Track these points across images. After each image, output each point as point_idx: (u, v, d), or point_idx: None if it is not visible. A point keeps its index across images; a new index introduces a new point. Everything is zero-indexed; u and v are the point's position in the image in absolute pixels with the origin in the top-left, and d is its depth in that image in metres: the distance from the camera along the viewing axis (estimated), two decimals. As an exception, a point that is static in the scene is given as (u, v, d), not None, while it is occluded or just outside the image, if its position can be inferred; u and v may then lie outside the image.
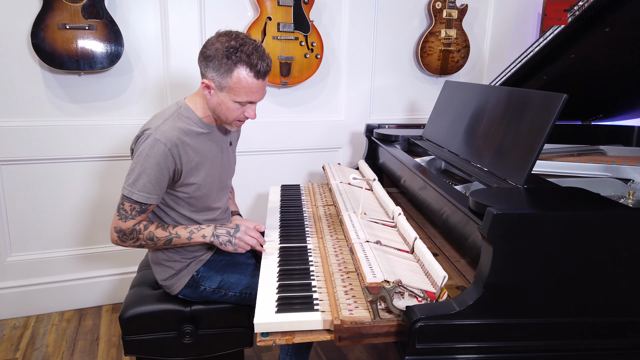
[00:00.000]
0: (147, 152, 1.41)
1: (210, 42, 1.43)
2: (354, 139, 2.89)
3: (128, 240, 1.48)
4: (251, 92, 1.44)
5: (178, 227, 1.52)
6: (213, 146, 1.58)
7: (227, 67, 1.39)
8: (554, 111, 1.29)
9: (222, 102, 1.45)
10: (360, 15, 2.73)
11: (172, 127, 1.46)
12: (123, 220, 1.45)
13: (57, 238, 2.47)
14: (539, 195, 1.27)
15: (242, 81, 1.41)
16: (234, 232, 1.55)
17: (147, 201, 1.44)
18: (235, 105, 1.46)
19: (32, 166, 2.35)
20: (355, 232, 1.45)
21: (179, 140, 1.45)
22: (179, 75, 2.48)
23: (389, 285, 1.13)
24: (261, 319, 1.18)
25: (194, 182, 1.52)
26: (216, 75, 1.41)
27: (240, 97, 1.43)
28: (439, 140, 1.99)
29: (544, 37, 1.75)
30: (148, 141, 1.42)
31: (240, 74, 1.40)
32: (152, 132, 1.43)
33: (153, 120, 1.49)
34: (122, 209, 1.45)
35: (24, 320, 2.44)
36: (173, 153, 1.44)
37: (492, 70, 3.08)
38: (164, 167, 1.43)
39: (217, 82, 1.42)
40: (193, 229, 1.53)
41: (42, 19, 2.09)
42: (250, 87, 1.42)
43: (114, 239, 1.49)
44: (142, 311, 1.58)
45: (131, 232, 1.47)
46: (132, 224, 1.46)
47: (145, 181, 1.42)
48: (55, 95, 2.31)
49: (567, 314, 1.13)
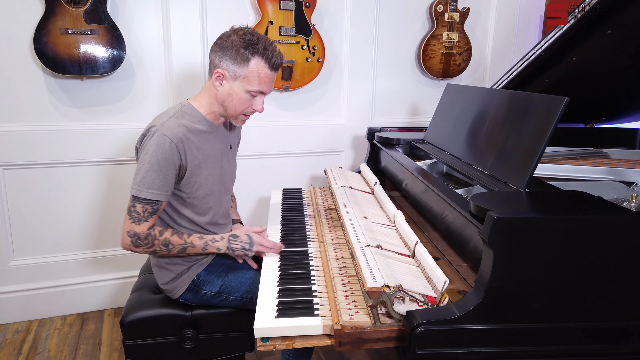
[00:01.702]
0: (154, 147, 1.43)
1: (226, 34, 1.51)
2: (356, 142, 2.89)
3: (142, 246, 1.46)
4: (264, 82, 1.50)
5: (193, 237, 1.52)
6: (215, 146, 1.60)
7: (244, 57, 1.46)
8: (555, 114, 1.28)
9: (234, 92, 1.50)
10: (361, 19, 2.74)
11: (177, 123, 1.49)
12: (137, 223, 1.44)
13: (60, 242, 2.48)
14: (541, 199, 1.26)
15: (258, 70, 1.47)
16: (249, 247, 1.58)
17: (157, 198, 1.44)
18: (246, 96, 1.50)
19: (34, 171, 2.36)
20: (356, 236, 1.45)
21: (184, 136, 1.48)
22: (181, 80, 2.48)
23: (390, 290, 1.12)
24: (261, 323, 1.18)
25: (196, 181, 1.53)
26: (232, 64, 1.47)
27: (253, 86, 1.49)
28: (441, 143, 1.98)
29: (546, 40, 1.75)
30: (154, 137, 1.44)
31: (257, 64, 1.47)
32: (158, 128, 1.45)
33: (157, 119, 1.51)
34: (133, 211, 1.44)
35: (27, 324, 2.45)
36: (179, 148, 1.46)
37: (495, 73, 3.08)
38: (171, 162, 1.44)
39: (233, 71, 1.48)
40: (208, 241, 1.54)
41: (44, 24, 2.10)
42: (264, 77, 1.49)
43: (127, 244, 1.46)
44: (143, 316, 1.58)
45: (146, 237, 1.45)
46: (147, 227, 1.45)
47: (153, 177, 1.42)
48: (58, 99, 2.32)
49: (570, 319, 1.12)
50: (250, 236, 1.58)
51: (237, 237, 1.58)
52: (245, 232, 1.59)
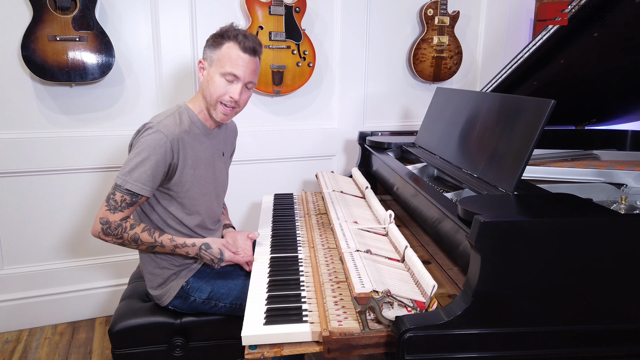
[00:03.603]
0: (148, 142, 1.43)
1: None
2: (348, 146, 2.89)
3: (111, 235, 1.46)
4: (236, 64, 1.50)
5: (164, 237, 1.51)
6: (208, 149, 1.61)
7: (218, 42, 1.52)
8: (542, 117, 1.28)
9: (210, 77, 1.52)
10: (352, 23, 2.74)
11: (173, 122, 1.50)
12: (112, 211, 1.44)
13: (49, 250, 2.46)
14: (528, 202, 1.25)
15: (228, 52, 1.50)
16: (219, 262, 1.57)
17: (140, 192, 1.43)
18: (221, 80, 1.51)
19: (23, 178, 2.34)
20: (345, 241, 1.44)
21: (179, 136, 1.49)
22: (171, 86, 2.47)
23: (378, 295, 1.11)
24: (249, 331, 1.17)
25: (187, 180, 1.53)
26: (209, 51, 1.53)
27: (225, 68, 1.50)
28: (431, 147, 1.98)
29: (534, 43, 1.75)
30: (150, 132, 1.45)
31: (229, 46, 1.50)
32: (155, 124, 1.47)
33: (154, 118, 1.53)
34: (112, 199, 1.44)
35: (17, 334, 2.42)
36: (173, 146, 1.47)
37: (486, 76, 3.08)
38: (162, 159, 1.45)
39: (209, 58, 1.53)
40: (178, 244, 1.52)
41: (32, 31, 2.09)
42: (236, 58, 1.50)
43: (97, 231, 1.46)
44: (132, 324, 1.56)
45: (117, 227, 1.45)
46: (120, 218, 1.44)
47: (141, 171, 1.42)
48: (47, 107, 2.31)
49: (559, 322, 1.11)
50: (222, 251, 1.57)
51: (210, 248, 1.56)
52: (219, 247, 1.58)
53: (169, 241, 1.51)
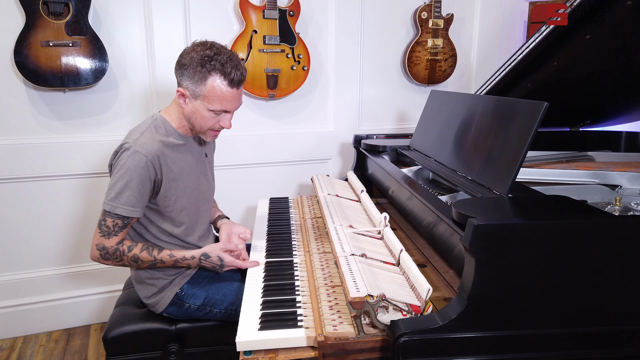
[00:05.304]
0: (128, 164, 1.41)
1: (186, 51, 1.45)
2: (343, 149, 2.88)
3: (111, 259, 1.46)
4: (225, 100, 1.44)
5: (163, 254, 1.50)
6: (189, 157, 1.58)
7: (201, 75, 1.40)
8: (535, 119, 1.28)
9: (197, 110, 1.46)
10: (346, 27, 2.74)
11: (150, 138, 1.46)
12: (106, 237, 1.43)
13: (43, 257, 2.44)
14: (522, 205, 1.25)
15: (216, 89, 1.42)
16: (220, 268, 1.56)
17: (130, 214, 1.42)
18: (209, 114, 1.46)
19: (16, 184, 2.32)
20: (340, 245, 1.43)
21: (159, 151, 1.46)
22: (165, 91, 2.47)
23: (373, 300, 1.11)
24: (243, 337, 1.16)
25: (172, 194, 1.52)
26: (190, 83, 1.43)
27: (214, 106, 1.44)
28: (426, 150, 1.98)
29: (527, 45, 1.75)
30: (128, 154, 1.42)
31: (214, 82, 1.41)
32: (131, 144, 1.43)
33: (130, 135, 1.49)
34: (104, 225, 1.43)
35: (11, 341, 2.40)
36: (154, 164, 1.44)
37: (480, 79, 3.09)
38: (146, 178, 1.43)
39: (192, 91, 1.44)
40: (178, 259, 1.52)
41: (25, 37, 2.08)
42: (225, 95, 1.43)
43: (95, 257, 1.46)
44: (127, 331, 1.55)
45: (114, 251, 1.44)
46: (116, 242, 1.44)
47: (128, 194, 1.41)
48: (40, 112, 2.30)
49: (555, 325, 1.11)
50: (221, 257, 1.56)
51: (209, 257, 1.55)
52: (217, 254, 1.56)
53: (168, 257, 1.50)
